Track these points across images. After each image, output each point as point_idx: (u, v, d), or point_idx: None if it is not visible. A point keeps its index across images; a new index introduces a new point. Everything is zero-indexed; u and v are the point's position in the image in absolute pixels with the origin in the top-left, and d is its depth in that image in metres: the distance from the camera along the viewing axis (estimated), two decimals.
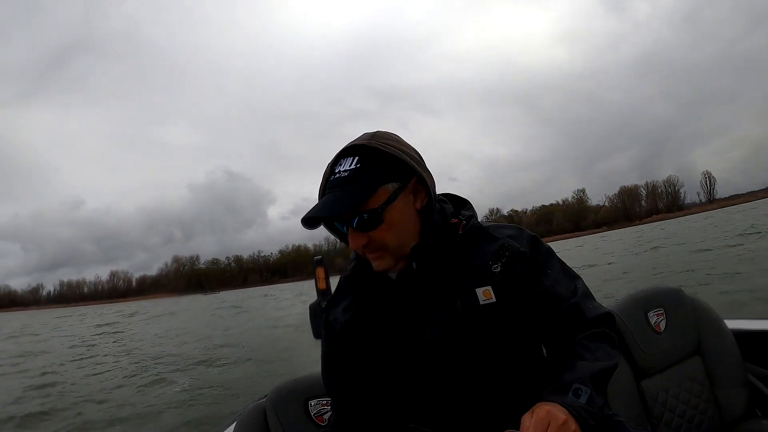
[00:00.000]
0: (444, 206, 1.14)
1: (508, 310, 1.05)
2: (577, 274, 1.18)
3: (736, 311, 6.57)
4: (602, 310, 1.10)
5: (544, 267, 1.11)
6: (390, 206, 1.01)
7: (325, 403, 1.66)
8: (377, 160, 1.01)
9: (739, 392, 1.79)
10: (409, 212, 1.06)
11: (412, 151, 1.07)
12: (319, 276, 2.84)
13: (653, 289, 1.94)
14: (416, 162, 1.04)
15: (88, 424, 6.51)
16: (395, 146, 1.03)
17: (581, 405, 0.91)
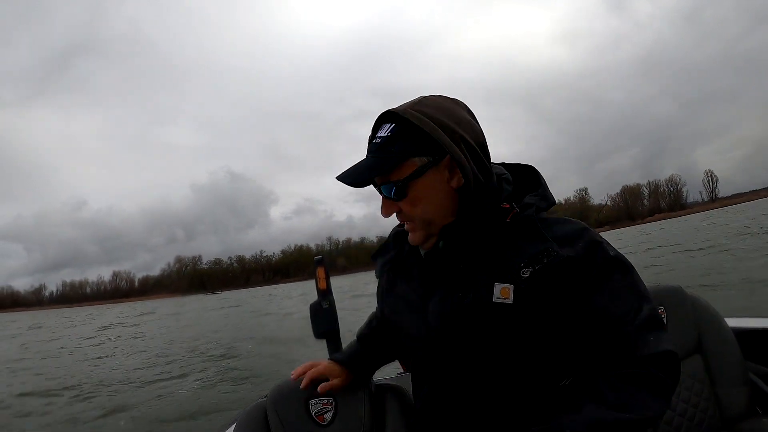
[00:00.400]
0: (504, 186, 1.03)
1: (524, 318, 0.95)
2: (650, 297, 0.97)
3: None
4: (662, 348, 0.91)
5: (599, 280, 0.95)
6: (416, 180, 0.97)
7: (325, 403, 1.66)
8: (412, 131, 0.95)
9: (740, 390, 1.78)
10: (440, 189, 0.98)
11: (458, 123, 0.97)
12: (320, 276, 2.84)
13: (653, 287, 1.92)
14: (455, 140, 0.95)
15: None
16: (435, 118, 0.95)
17: None
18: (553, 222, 1.01)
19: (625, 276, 0.97)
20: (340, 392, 1.66)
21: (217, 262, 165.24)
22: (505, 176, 1.06)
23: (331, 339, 2.89)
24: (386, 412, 1.68)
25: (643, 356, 0.90)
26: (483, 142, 1.01)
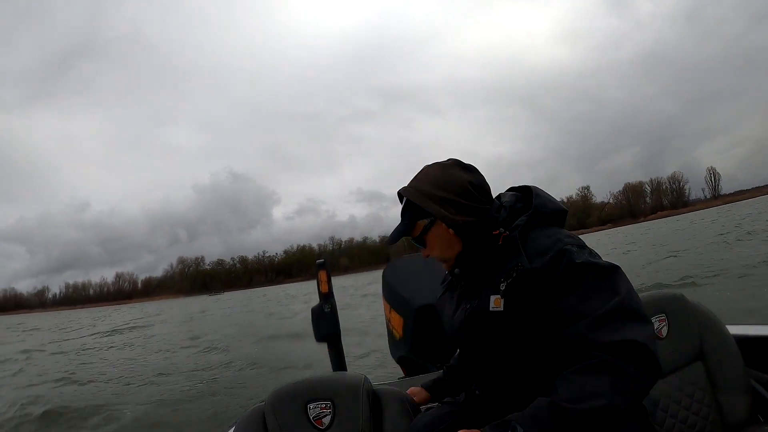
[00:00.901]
0: (502, 213, 1.29)
1: (512, 322, 1.18)
2: (628, 293, 1.08)
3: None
4: (622, 336, 1.00)
5: (567, 284, 1.10)
6: (426, 234, 1.33)
7: (324, 407, 1.68)
8: (412, 203, 1.32)
9: (742, 398, 1.78)
10: (443, 236, 1.31)
11: (444, 189, 1.28)
12: (321, 279, 2.85)
13: (655, 294, 1.93)
14: (439, 203, 1.27)
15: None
16: (424, 190, 1.30)
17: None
18: (537, 237, 1.21)
19: (597, 278, 1.10)
20: (338, 397, 1.68)
21: (220, 263, 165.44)
22: (506, 203, 1.32)
23: (332, 342, 2.91)
24: (385, 417, 1.69)
25: (600, 345, 1.00)
26: (467, 189, 1.28)
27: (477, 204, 1.28)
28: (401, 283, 2.92)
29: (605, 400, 0.94)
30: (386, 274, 3.04)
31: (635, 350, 0.99)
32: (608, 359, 0.98)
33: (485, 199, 1.31)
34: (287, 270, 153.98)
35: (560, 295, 1.11)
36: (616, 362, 0.97)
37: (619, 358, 0.98)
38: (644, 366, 0.99)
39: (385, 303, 3.03)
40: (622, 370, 0.97)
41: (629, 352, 0.98)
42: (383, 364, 7.24)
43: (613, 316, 1.03)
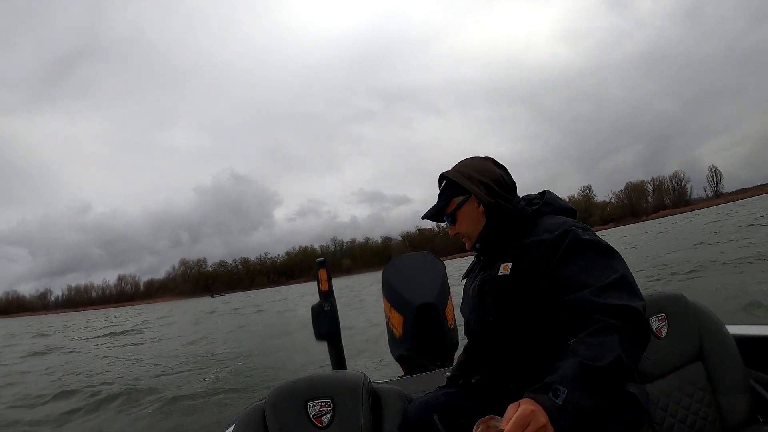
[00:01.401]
0: (516, 204, 1.49)
1: (516, 286, 1.35)
2: (621, 270, 1.22)
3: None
4: (626, 302, 1.14)
5: (568, 255, 1.27)
6: (459, 210, 1.54)
7: (323, 405, 1.69)
8: (451, 183, 1.56)
9: (741, 398, 1.79)
10: (473, 214, 1.52)
11: (479, 173, 1.52)
12: (321, 277, 2.86)
13: (655, 294, 1.94)
14: (475, 183, 1.50)
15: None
16: (464, 172, 1.54)
17: (556, 405, 0.98)
18: (547, 219, 1.41)
19: (599, 255, 1.26)
20: (338, 395, 1.69)
21: (222, 265, 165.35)
22: (525, 199, 1.54)
23: (332, 341, 2.91)
24: (384, 415, 1.70)
25: (604, 308, 1.13)
26: (500, 180, 1.53)
27: (505, 192, 1.52)
28: (401, 282, 2.93)
29: (616, 353, 1.05)
30: (386, 272, 3.04)
31: (635, 316, 1.13)
32: (612, 322, 1.10)
33: (512, 193, 1.55)
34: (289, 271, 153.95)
35: (563, 265, 1.27)
36: (619, 324, 1.09)
37: (622, 321, 1.10)
38: (643, 331, 1.15)
39: (385, 301, 3.03)
40: (626, 330, 1.09)
41: (630, 317, 1.12)
42: (383, 362, 7.27)
43: (614, 287, 1.17)
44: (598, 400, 1.02)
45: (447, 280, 2.93)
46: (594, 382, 1.02)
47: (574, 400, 0.99)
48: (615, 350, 1.05)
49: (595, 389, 1.02)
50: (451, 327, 2.83)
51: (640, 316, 1.13)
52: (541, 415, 0.96)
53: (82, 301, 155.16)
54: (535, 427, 0.94)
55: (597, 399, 1.02)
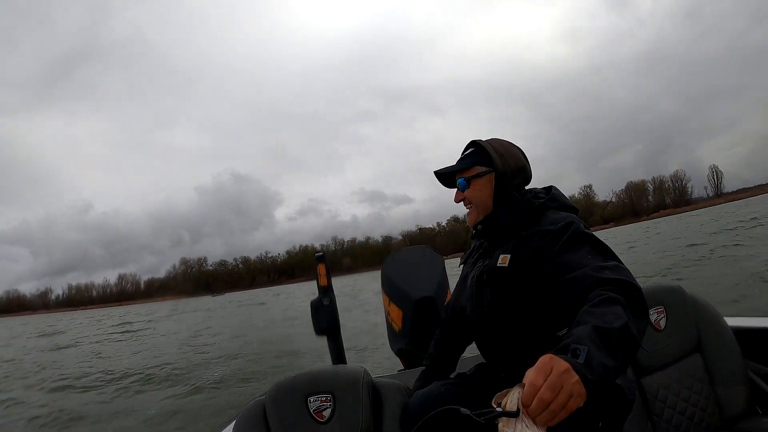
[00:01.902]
0: (529, 196, 1.52)
1: (514, 276, 1.39)
2: (618, 260, 1.24)
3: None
4: (620, 276, 1.14)
5: (569, 243, 1.30)
6: (477, 179, 1.53)
7: (324, 400, 1.69)
8: (481, 152, 1.55)
9: (740, 389, 1.79)
10: (488, 187, 1.52)
11: (508, 154, 1.54)
12: (320, 272, 2.86)
13: (653, 287, 1.94)
14: (502, 162, 1.51)
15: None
16: (495, 148, 1.53)
17: (579, 363, 0.91)
18: (553, 213, 1.43)
19: (597, 247, 1.28)
20: (338, 390, 1.69)
21: (223, 264, 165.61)
22: (532, 192, 1.56)
23: (331, 336, 2.91)
24: (385, 409, 1.70)
25: (605, 280, 1.13)
26: (524, 168, 1.55)
27: (519, 181, 1.55)
28: (400, 276, 2.93)
29: (624, 320, 1.01)
30: (385, 267, 3.04)
31: (635, 290, 1.11)
32: (614, 295, 1.08)
33: (525, 185, 1.58)
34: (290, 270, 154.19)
35: (565, 252, 1.29)
36: (621, 298, 1.07)
37: (622, 294, 1.08)
38: (643, 309, 1.11)
39: (384, 296, 3.03)
40: (628, 304, 1.07)
41: (630, 291, 1.10)
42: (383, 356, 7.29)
43: (611, 269, 1.17)
44: (617, 362, 0.97)
45: (446, 274, 2.93)
46: (610, 343, 0.97)
47: (596, 357, 0.94)
48: (622, 317, 1.02)
49: (612, 350, 0.97)
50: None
51: (639, 292, 1.12)
52: (563, 362, 0.90)
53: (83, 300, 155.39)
54: (558, 370, 0.88)
55: (615, 361, 0.96)
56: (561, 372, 0.87)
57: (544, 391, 0.86)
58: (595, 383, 0.90)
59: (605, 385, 0.94)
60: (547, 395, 0.86)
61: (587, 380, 0.89)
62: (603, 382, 0.93)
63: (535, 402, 0.86)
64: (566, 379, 0.87)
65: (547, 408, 0.86)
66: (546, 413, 0.86)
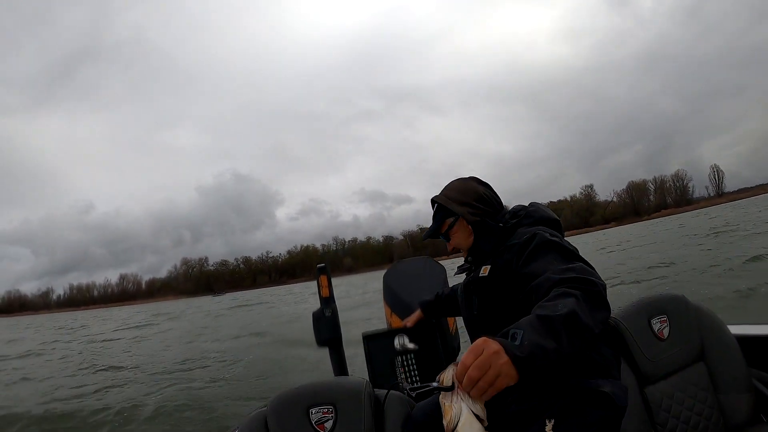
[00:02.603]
0: (501, 218, 1.68)
1: (494, 285, 1.53)
2: (580, 260, 1.34)
3: None
4: (580, 274, 1.20)
5: (535, 254, 1.41)
6: (451, 230, 1.76)
7: (326, 411, 1.69)
8: (441, 206, 1.79)
9: (744, 397, 1.79)
10: (463, 231, 1.74)
11: (464, 195, 1.74)
12: (322, 283, 2.86)
13: (656, 296, 1.95)
14: (462, 204, 1.72)
15: None
16: (451, 196, 1.76)
17: (513, 345, 0.99)
18: (523, 229, 1.57)
19: (562, 254, 1.37)
20: (340, 401, 1.69)
21: (224, 264, 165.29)
22: (511, 210, 1.72)
23: (333, 346, 2.92)
24: (387, 421, 1.70)
25: (564, 280, 1.19)
26: (483, 197, 1.73)
27: (488, 208, 1.71)
28: (402, 287, 2.93)
29: (570, 308, 1.07)
30: (387, 277, 3.04)
31: (592, 285, 1.16)
32: (568, 290, 1.14)
33: (496, 207, 1.74)
34: (291, 270, 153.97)
35: (530, 262, 1.40)
36: (576, 292, 1.13)
37: (579, 290, 1.14)
38: (600, 300, 1.16)
39: (386, 306, 3.03)
40: (582, 297, 1.12)
41: (586, 287, 1.16)
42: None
43: (574, 270, 1.23)
44: (557, 344, 1.02)
45: (448, 284, 2.93)
46: (551, 328, 1.03)
47: (531, 338, 1.01)
48: (569, 306, 1.07)
49: (554, 334, 1.03)
50: (452, 331, 2.82)
51: (596, 286, 1.16)
52: (494, 344, 0.98)
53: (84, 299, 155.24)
54: (489, 352, 0.97)
55: (556, 342, 1.02)
56: (491, 353, 0.97)
57: (472, 370, 0.96)
58: (524, 360, 0.98)
59: (542, 364, 1.00)
60: (474, 374, 0.96)
61: (517, 358, 0.97)
62: (537, 360, 0.99)
63: (465, 380, 0.98)
64: (495, 360, 0.96)
65: (476, 385, 0.96)
66: (475, 389, 0.97)
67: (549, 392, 1.33)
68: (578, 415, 1.27)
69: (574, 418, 1.27)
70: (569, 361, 1.10)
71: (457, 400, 1.03)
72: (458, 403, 1.02)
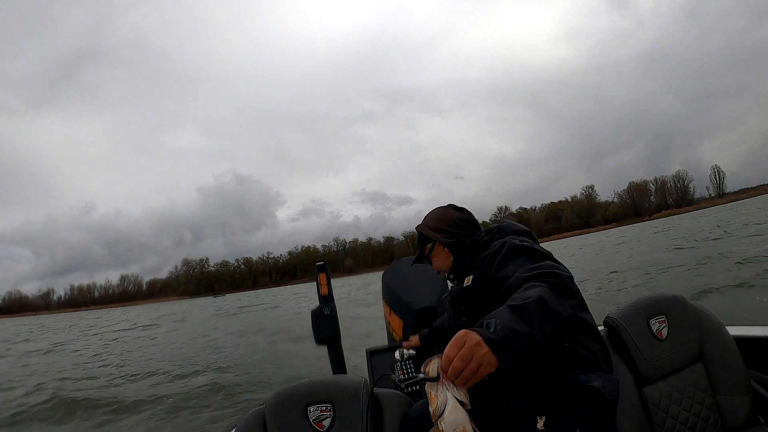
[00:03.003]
0: (477, 237, 1.82)
1: (476, 293, 1.66)
2: (550, 259, 1.47)
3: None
4: (548, 269, 1.31)
5: (505, 259, 1.54)
6: (431, 254, 1.96)
7: (324, 409, 1.69)
8: (421, 235, 1.98)
9: (742, 399, 1.79)
10: (442, 253, 1.92)
11: (440, 222, 1.92)
12: (321, 282, 2.86)
13: (655, 296, 1.95)
14: (437, 230, 1.91)
15: None
16: (429, 225, 1.95)
17: (488, 332, 1.08)
18: (496, 242, 1.67)
19: (531, 257, 1.48)
20: (338, 399, 1.69)
21: (225, 264, 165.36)
22: (487, 230, 1.84)
23: (331, 345, 2.92)
24: (385, 420, 1.71)
25: (532, 277, 1.29)
26: (456, 222, 1.90)
27: (463, 231, 1.89)
28: (401, 286, 2.93)
29: (538, 294, 1.17)
30: (386, 277, 3.05)
31: (558, 277, 1.27)
32: (535, 283, 1.25)
33: (472, 229, 1.90)
34: (292, 271, 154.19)
35: (501, 267, 1.52)
36: (541, 283, 1.24)
37: (546, 282, 1.25)
38: (568, 288, 1.26)
39: (385, 305, 3.03)
40: (549, 287, 1.23)
41: (553, 278, 1.27)
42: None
43: (542, 267, 1.34)
44: (529, 328, 1.11)
45: (447, 283, 2.94)
46: (520, 314, 1.13)
47: (505, 325, 1.10)
48: (537, 294, 1.18)
49: (525, 319, 1.12)
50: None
51: (562, 277, 1.27)
52: (475, 335, 1.06)
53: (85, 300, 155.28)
54: (470, 344, 1.04)
55: (527, 326, 1.11)
56: (472, 345, 1.04)
57: (456, 361, 1.04)
58: (499, 343, 1.06)
59: (516, 348, 1.08)
60: (458, 365, 1.04)
61: (491, 341, 1.06)
62: (511, 343, 1.08)
63: (450, 371, 1.05)
64: (476, 351, 1.04)
65: (461, 375, 1.04)
66: (460, 379, 1.05)
67: (540, 389, 1.39)
68: (568, 410, 1.33)
69: (565, 414, 1.33)
70: (544, 347, 1.21)
71: (442, 390, 1.09)
72: (443, 392, 1.08)
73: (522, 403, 1.41)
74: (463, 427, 1.06)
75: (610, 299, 10.10)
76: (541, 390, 1.39)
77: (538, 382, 1.41)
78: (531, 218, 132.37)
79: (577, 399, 1.33)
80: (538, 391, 1.40)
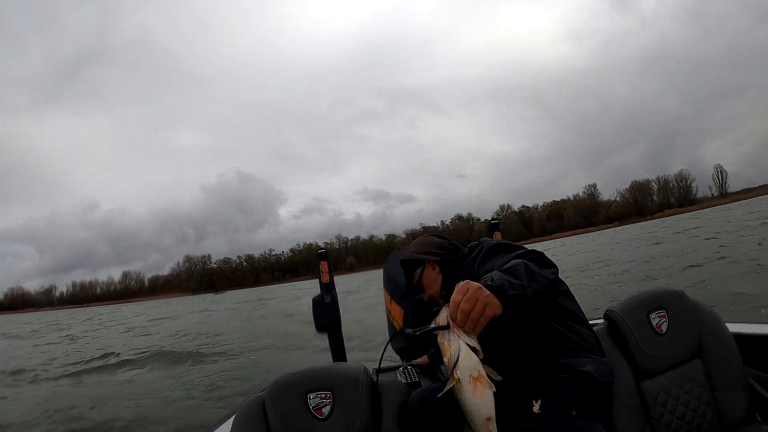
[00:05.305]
0: (461, 254, 1.89)
1: None
2: (525, 253, 1.52)
3: None
4: (518, 253, 1.48)
5: (485, 257, 1.65)
6: (421, 278, 1.98)
7: (323, 396, 1.71)
8: (408, 261, 2.04)
9: (740, 396, 1.80)
10: (431, 274, 1.96)
11: (424, 246, 2.02)
12: (323, 269, 2.87)
13: (655, 290, 1.95)
14: (422, 253, 1.99)
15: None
16: (415, 251, 2.02)
17: (488, 282, 1.19)
18: (478, 245, 1.79)
19: (510, 249, 1.59)
20: (338, 387, 1.71)
21: (227, 261, 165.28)
22: (469, 247, 1.92)
23: (332, 332, 2.93)
24: (384, 407, 1.73)
25: (508, 260, 1.40)
26: (441, 245, 2.00)
27: (448, 252, 1.97)
28: (401, 275, 2.94)
29: (523, 263, 1.30)
30: (387, 265, 3.05)
31: (538, 254, 1.42)
32: (516, 260, 1.35)
33: (456, 249, 1.99)
34: (294, 268, 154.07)
35: (483, 264, 1.62)
36: (523, 259, 1.36)
37: (525, 257, 1.38)
38: (549, 263, 1.40)
39: (386, 294, 3.04)
40: (528, 259, 1.36)
41: (534, 255, 1.41)
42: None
43: (519, 254, 1.47)
44: (521, 281, 1.23)
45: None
46: (512, 272, 1.26)
47: (500, 277, 1.22)
48: (520, 261, 1.31)
49: (515, 275, 1.25)
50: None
51: (539, 253, 1.42)
52: (475, 283, 1.15)
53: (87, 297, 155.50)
54: (473, 289, 1.13)
55: (519, 280, 1.23)
56: (475, 288, 1.13)
57: (463, 304, 1.11)
58: (498, 288, 1.17)
59: (513, 294, 1.19)
60: (466, 306, 1.10)
61: (493, 288, 1.16)
62: (509, 289, 1.19)
63: (459, 314, 1.11)
64: (480, 293, 1.13)
65: (469, 317, 1.10)
66: (469, 322, 1.11)
67: (534, 374, 1.49)
68: (563, 393, 1.43)
69: (559, 397, 1.43)
70: (535, 306, 1.27)
71: (454, 338, 1.12)
72: (456, 340, 1.12)
73: (517, 387, 1.48)
74: (479, 371, 1.10)
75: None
76: (536, 374, 1.49)
77: (533, 366, 1.50)
78: (533, 217, 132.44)
79: (571, 382, 1.44)
80: (533, 375, 1.49)
